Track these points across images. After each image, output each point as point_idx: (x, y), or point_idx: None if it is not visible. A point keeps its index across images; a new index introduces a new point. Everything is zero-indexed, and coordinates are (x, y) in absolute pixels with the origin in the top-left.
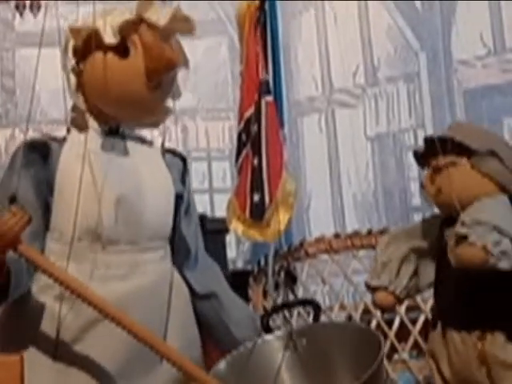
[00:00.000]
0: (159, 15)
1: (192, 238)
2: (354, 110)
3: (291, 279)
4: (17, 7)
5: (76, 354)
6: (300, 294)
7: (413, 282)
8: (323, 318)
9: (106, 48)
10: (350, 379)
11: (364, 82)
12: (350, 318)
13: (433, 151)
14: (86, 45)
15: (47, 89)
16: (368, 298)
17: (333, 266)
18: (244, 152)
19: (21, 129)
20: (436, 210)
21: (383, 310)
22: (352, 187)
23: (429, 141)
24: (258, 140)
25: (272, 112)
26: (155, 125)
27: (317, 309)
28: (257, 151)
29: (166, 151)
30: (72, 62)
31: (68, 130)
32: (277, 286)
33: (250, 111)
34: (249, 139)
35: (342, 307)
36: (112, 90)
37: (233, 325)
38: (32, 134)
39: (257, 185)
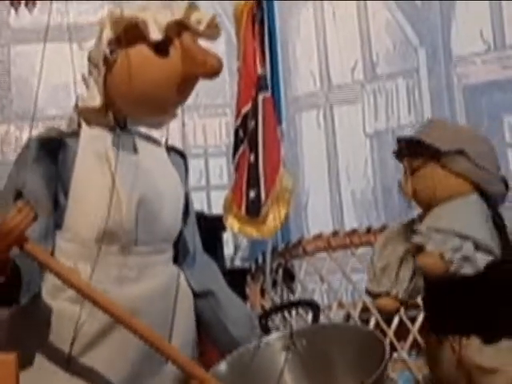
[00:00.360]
0: (200, 20)
1: (191, 237)
2: (352, 106)
3: (289, 277)
4: (12, 3)
5: (90, 359)
6: (298, 292)
7: (413, 283)
8: (321, 317)
9: (146, 43)
10: (351, 382)
11: (363, 78)
12: (348, 316)
13: (406, 152)
14: (125, 36)
15: (45, 85)
16: (367, 296)
17: (331, 263)
18: (241, 148)
19: (16, 125)
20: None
21: (386, 315)
22: (351, 184)
23: (401, 141)
24: (255, 136)
25: (269, 108)
26: (159, 125)
27: (316, 309)
28: (254, 147)
29: (169, 149)
30: (106, 51)
31: (79, 125)
32: (274, 284)
33: (248, 107)
34: (246, 135)
35: (341, 305)
36: (143, 85)
37: (230, 323)
38: (33, 131)
39: (253, 181)
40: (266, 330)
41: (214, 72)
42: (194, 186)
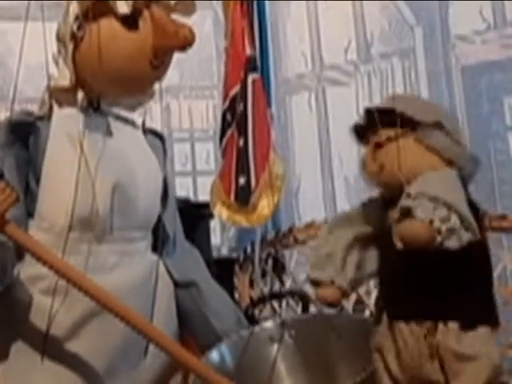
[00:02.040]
0: None
1: (170, 223)
2: (345, 87)
3: (279, 267)
4: None
5: (66, 350)
6: (288, 282)
7: (358, 274)
8: (313, 309)
9: (114, 17)
10: (347, 371)
11: (356, 59)
12: (341, 308)
13: (373, 125)
14: (92, 11)
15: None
16: (361, 287)
17: None
18: (229, 132)
19: None
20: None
21: (329, 306)
22: (344, 169)
23: (369, 113)
24: (243, 120)
25: (259, 90)
26: (136, 107)
27: (305, 299)
28: (243, 131)
29: (146, 131)
30: (74, 27)
31: (51, 108)
32: (264, 275)
33: (236, 89)
34: (234, 119)
35: None
36: (113, 61)
37: (212, 316)
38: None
39: (242, 167)
40: (253, 321)
41: (186, 43)
42: (179, 171)
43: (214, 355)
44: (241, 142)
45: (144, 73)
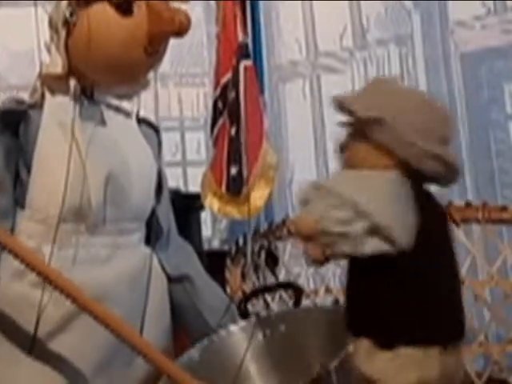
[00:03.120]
0: None
1: (164, 216)
2: (340, 75)
3: (272, 260)
4: None
5: (54, 346)
6: (282, 276)
7: None
8: (308, 302)
9: (108, 3)
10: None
11: (352, 45)
12: (336, 302)
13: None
14: None
15: (6, 52)
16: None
17: None
18: (220, 121)
19: None
20: None
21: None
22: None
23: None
24: (235, 108)
25: (251, 77)
26: (130, 96)
27: (298, 292)
28: (234, 120)
29: (140, 121)
30: (66, 13)
31: (42, 95)
32: (256, 268)
33: (227, 76)
34: (226, 107)
35: (328, 290)
36: (106, 48)
37: (206, 311)
38: None
39: (234, 157)
40: (246, 315)
41: (182, 29)
42: (169, 161)
43: (194, 354)
44: (232, 131)
45: (138, 60)
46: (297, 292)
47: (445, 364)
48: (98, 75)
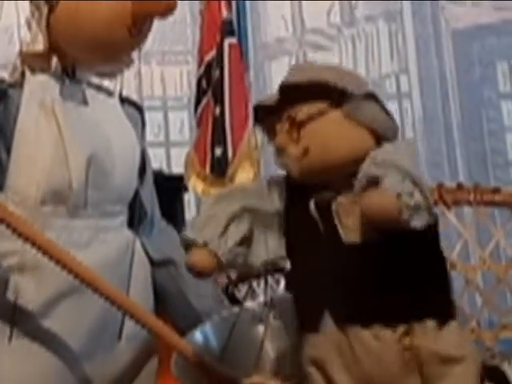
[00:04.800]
0: None
1: (147, 198)
2: (328, 52)
3: None
4: None
5: (36, 331)
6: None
7: (241, 250)
8: None
9: None
10: None
11: (340, 22)
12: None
13: (290, 101)
14: None
15: None
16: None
17: None
18: (204, 100)
19: None
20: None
21: (197, 275)
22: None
23: (285, 88)
24: (220, 87)
25: (236, 55)
26: (112, 75)
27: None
28: (219, 99)
29: (123, 100)
30: None
31: (23, 74)
32: None
33: (211, 54)
34: (210, 86)
35: None
36: (89, 26)
37: (193, 295)
38: None
39: (219, 137)
40: (233, 301)
41: (168, 9)
42: (151, 141)
43: (198, 335)
44: (217, 111)
45: (121, 40)
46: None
47: None
48: (80, 54)
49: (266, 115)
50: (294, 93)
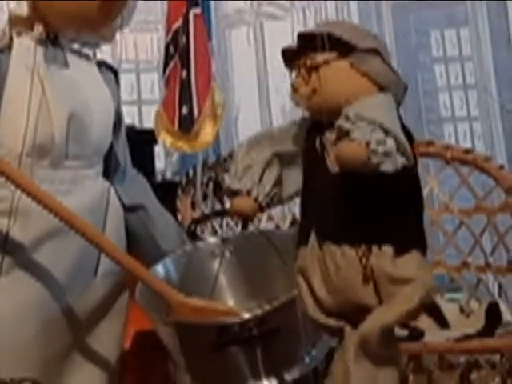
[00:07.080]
0: None
1: (121, 151)
2: (282, 22)
3: (220, 190)
4: None
5: (22, 269)
6: (228, 204)
7: (275, 190)
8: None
9: None
10: (285, 283)
11: None
12: (277, 227)
13: (306, 49)
14: None
15: None
16: (297, 209)
17: None
18: (171, 64)
19: None
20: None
21: (243, 218)
22: (280, 99)
23: (303, 37)
24: (186, 52)
25: (200, 24)
26: (96, 45)
27: (245, 219)
28: (185, 63)
29: (100, 64)
30: None
31: (11, 39)
32: (205, 197)
33: (178, 23)
34: (177, 51)
35: (270, 218)
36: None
37: (160, 237)
38: None
39: (185, 97)
40: (195, 238)
41: None
42: (125, 100)
43: (159, 268)
44: (183, 74)
45: (93, 12)
46: (244, 219)
47: None
48: (55, 23)
49: (292, 58)
50: (309, 43)
